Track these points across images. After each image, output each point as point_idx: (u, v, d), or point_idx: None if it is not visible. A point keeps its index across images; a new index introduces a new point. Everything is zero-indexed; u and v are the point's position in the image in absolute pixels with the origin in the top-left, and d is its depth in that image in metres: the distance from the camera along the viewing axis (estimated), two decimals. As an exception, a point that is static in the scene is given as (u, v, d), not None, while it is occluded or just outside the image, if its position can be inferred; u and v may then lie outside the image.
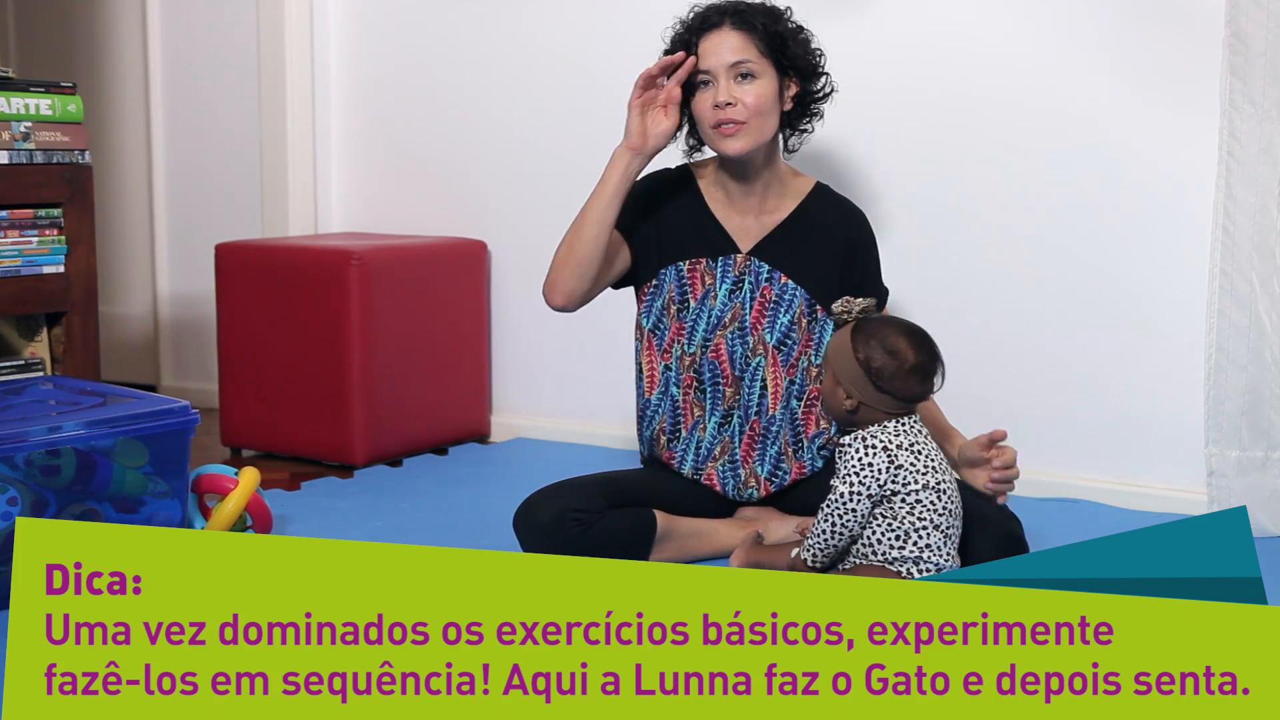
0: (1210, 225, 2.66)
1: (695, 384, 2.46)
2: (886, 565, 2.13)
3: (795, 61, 2.41)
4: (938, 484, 2.14)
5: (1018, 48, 2.90)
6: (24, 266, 2.89)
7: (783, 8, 2.45)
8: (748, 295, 2.45)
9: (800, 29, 2.45)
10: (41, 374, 2.94)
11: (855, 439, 2.15)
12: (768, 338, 2.45)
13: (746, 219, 2.48)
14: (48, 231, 2.93)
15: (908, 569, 2.12)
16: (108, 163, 4.16)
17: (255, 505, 2.55)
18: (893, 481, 2.12)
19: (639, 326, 2.51)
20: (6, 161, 2.85)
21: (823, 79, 2.47)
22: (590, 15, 3.37)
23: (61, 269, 2.95)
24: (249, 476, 2.51)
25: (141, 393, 2.55)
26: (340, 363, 3.22)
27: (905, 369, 2.14)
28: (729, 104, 2.34)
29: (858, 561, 2.17)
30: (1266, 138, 2.56)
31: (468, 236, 3.57)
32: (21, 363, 2.94)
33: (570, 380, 3.49)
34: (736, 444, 2.46)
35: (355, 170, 3.82)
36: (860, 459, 2.13)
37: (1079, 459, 2.93)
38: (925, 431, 2.19)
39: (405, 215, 3.72)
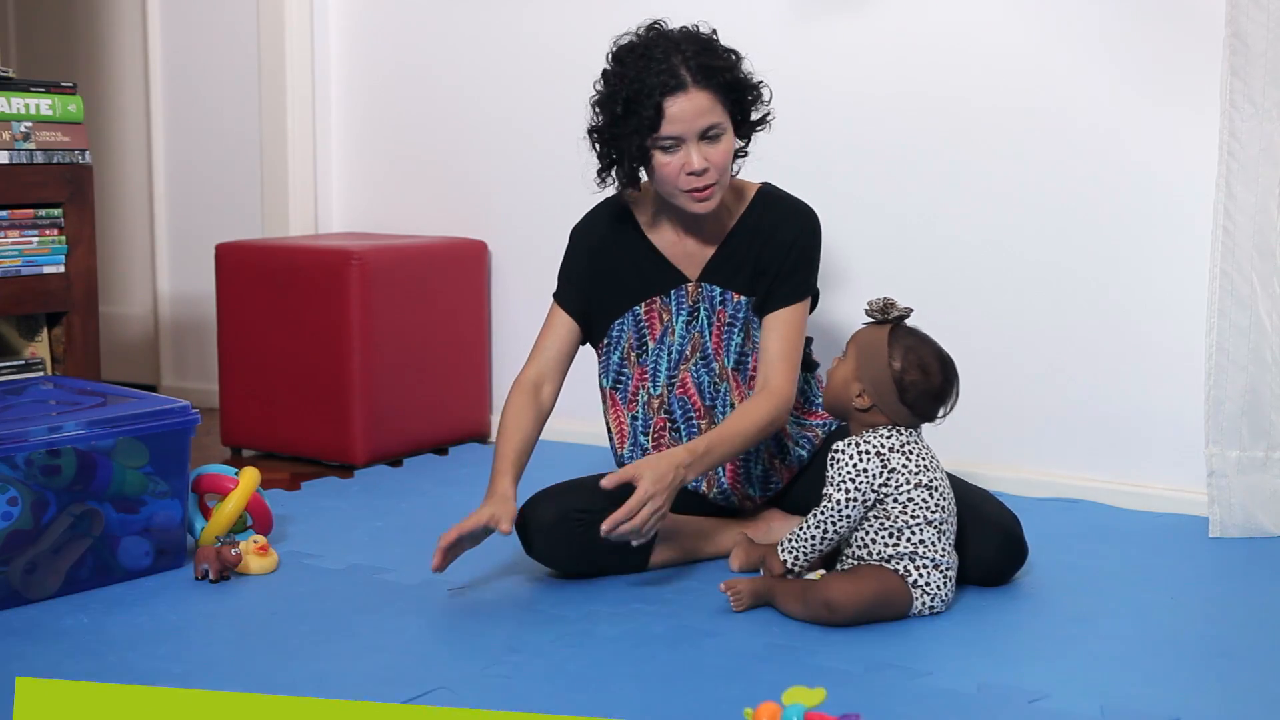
0: (1210, 226, 2.66)
1: (669, 424, 2.42)
2: (884, 564, 2.14)
3: (749, 108, 2.33)
4: (930, 482, 2.14)
5: (1017, 49, 2.90)
6: (24, 266, 2.89)
7: (709, 31, 2.31)
8: (704, 322, 2.40)
9: (738, 57, 2.31)
10: (41, 374, 2.94)
11: (849, 444, 2.15)
12: (728, 362, 2.41)
13: (691, 245, 2.40)
14: (48, 231, 2.93)
15: (904, 565, 2.12)
16: (108, 163, 4.15)
17: (255, 505, 2.55)
18: (885, 485, 2.12)
19: (600, 387, 2.48)
20: (6, 161, 2.85)
21: (767, 111, 2.38)
22: (590, 15, 3.37)
23: (61, 269, 2.95)
24: (249, 476, 2.51)
25: (141, 393, 2.55)
26: (340, 363, 3.22)
27: (931, 391, 2.16)
28: (705, 169, 2.24)
29: (854, 562, 2.17)
30: (1266, 138, 2.56)
31: (468, 236, 3.57)
32: (21, 363, 2.94)
33: (570, 380, 3.48)
34: (722, 475, 2.44)
35: (355, 170, 3.82)
36: (854, 464, 2.13)
37: (1079, 459, 2.93)
38: (916, 431, 2.19)
39: (405, 215, 3.72)
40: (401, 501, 2.93)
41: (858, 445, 2.15)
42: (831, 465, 2.16)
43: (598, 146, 2.33)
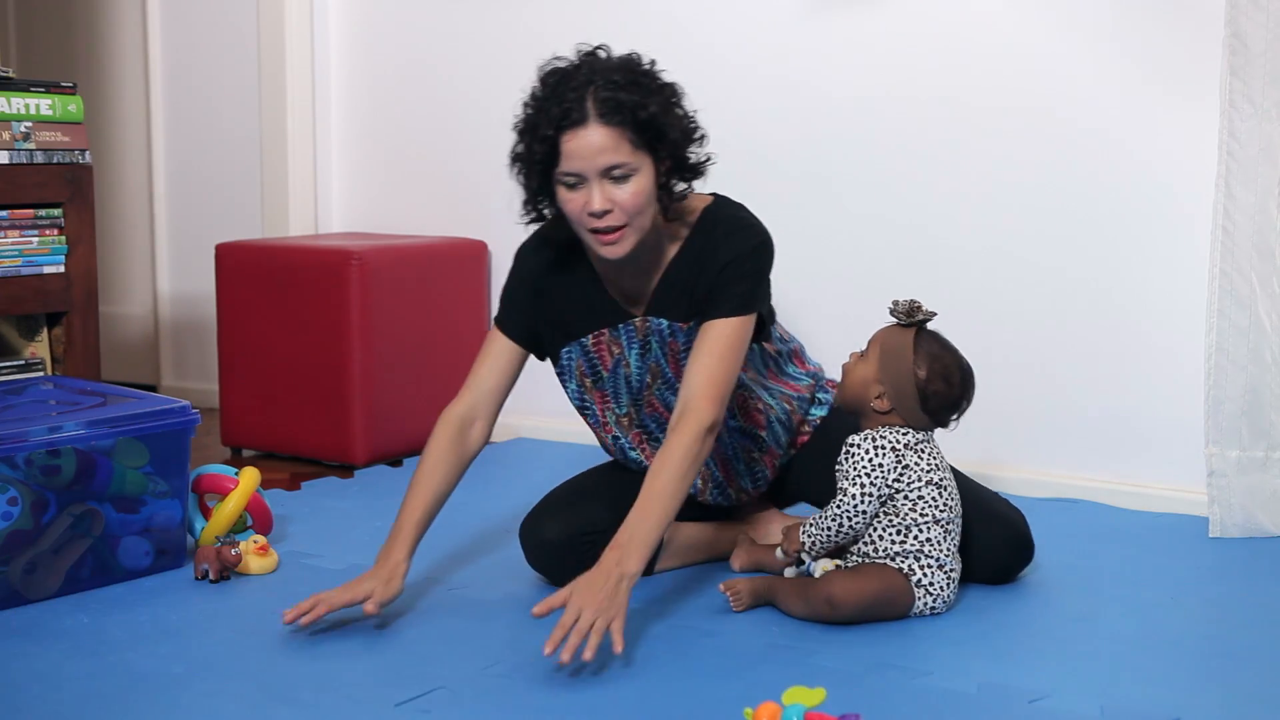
0: (1210, 225, 2.66)
1: (645, 437, 2.36)
2: (889, 561, 2.14)
3: (674, 148, 2.10)
4: (940, 481, 2.15)
5: (1016, 49, 2.90)
6: (24, 266, 2.89)
7: (645, 62, 2.13)
8: (658, 353, 2.26)
9: (670, 94, 2.12)
10: (41, 374, 2.94)
11: (865, 438, 2.16)
12: None
13: (636, 280, 2.24)
14: (48, 231, 2.93)
15: (909, 564, 2.13)
16: (108, 163, 4.15)
17: (255, 505, 2.55)
18: (898, 481, 2.13)
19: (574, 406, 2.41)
20: (6, 161, 2.85)
21: (703, 147, 2.16)
22: (590, 15, 3.37)
23: (61, 269, 2.95)
24: (249, 476, 2.51)
25: (141, 393, 2.55)
26: (340, 363, 3.22)
27: (950, 401, 2.18)
28: (606, 211, 2.06)
29: (860, 560, 2.17)
30: (1266, 138, 2.56)
31: (468, 236, 3.57)
32: (21, 363, 2.94)
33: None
34: (714, 468, 2.40)
35: (355, 170, 3.82)
36: (870, 459, 2.13)
37: (1079, 459, 2.93)
38: (928, 433, 2.19)
39: (405, 215, 3.72)
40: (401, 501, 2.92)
41: (873, 440, 2.15)
42: (846, 459, 2.16)
43: (520, 177, 2.17)
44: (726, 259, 2.17)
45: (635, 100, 2.04)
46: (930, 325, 2.22)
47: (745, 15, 3.17)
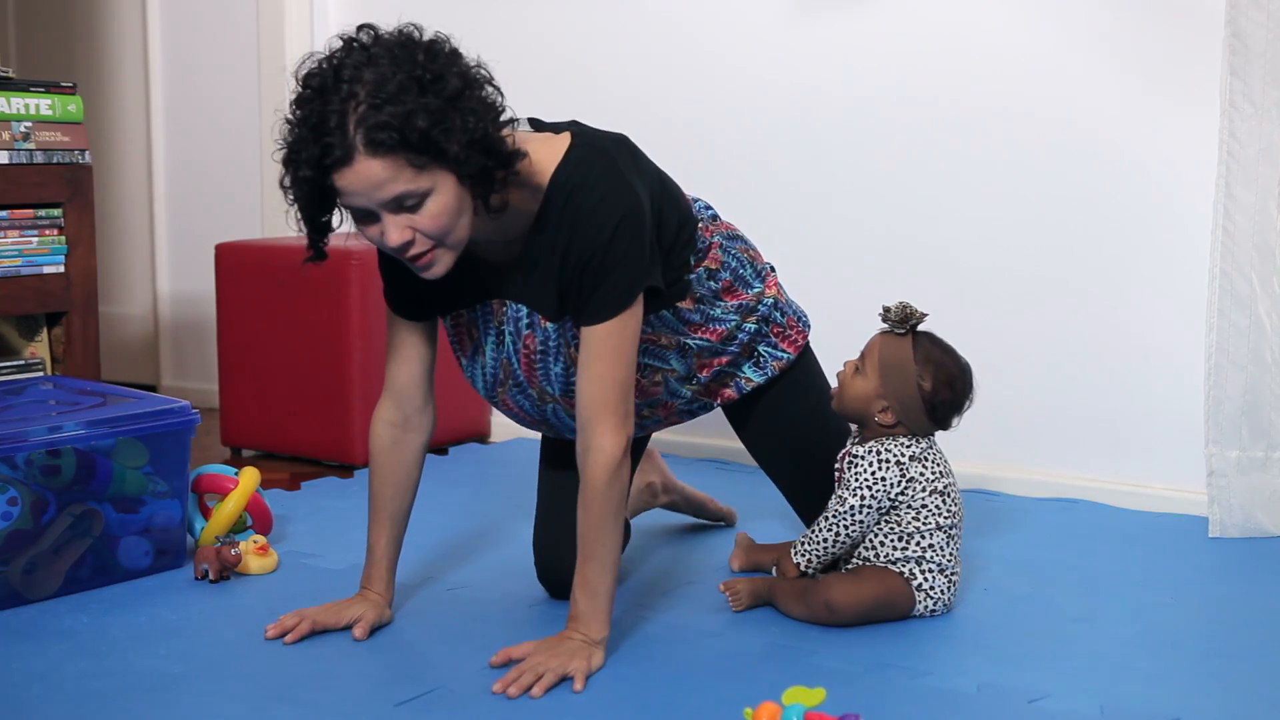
0: (1210, 225, 2.66)
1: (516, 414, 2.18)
2: (889, 565, 2.13)
3: (460, 162, 1.76)
4: (944, 488, 2.14)
5: (1015, 51, 2.90)
6: (24, 266, 2.89)
7: (419, 42, 1.84)
8: (510, 348, 2.01)
9: (448, 87, 1.78)
10: (41, 374, 2.94)
11: (870, 451, 2.13)
12: (549, 389, 2.04)
13: (495, 249, 1.96)
14: (48, 231, 2.93)
15: (910, 569, 2.12)
16: (108, 163, 4.15)
17: (255, 505, 2.55)
18: (902, 494, 2.12)
19: None
20: (6, 161, 2.85)
21: (501, 134, 1.83)
22: (591, 15, 3.37)
23: (61, 269, 2.95)
24: (249, 476, 2.51)
25: (141, 393, 2.55)
26: (340, 363, 3.22)
27: (956, 405, 2.16)
28: (407, 243, 1.80)
29: (859, 563, 2.17)
30: (1266, 138, 2.56)
31: (468, 236, 3.56)
32: (21, 363, 2.94)
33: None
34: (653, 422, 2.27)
35: (355, 170, 3.81)
36: (874, 473, 2.12)
37: (1079, 459, 2.93)
38: (931, 437, 2.19)
39: (405, 215, 3.72)
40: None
41: (878, 453, 2.12)
42: (849, 469, 2.15)
43: (292, 210, 1.93)
44: (584, 255, 1.87)
45: (403, 116, 1.71)
46: (929, 325, 2.20)
47: (744, 16, 3.17)
